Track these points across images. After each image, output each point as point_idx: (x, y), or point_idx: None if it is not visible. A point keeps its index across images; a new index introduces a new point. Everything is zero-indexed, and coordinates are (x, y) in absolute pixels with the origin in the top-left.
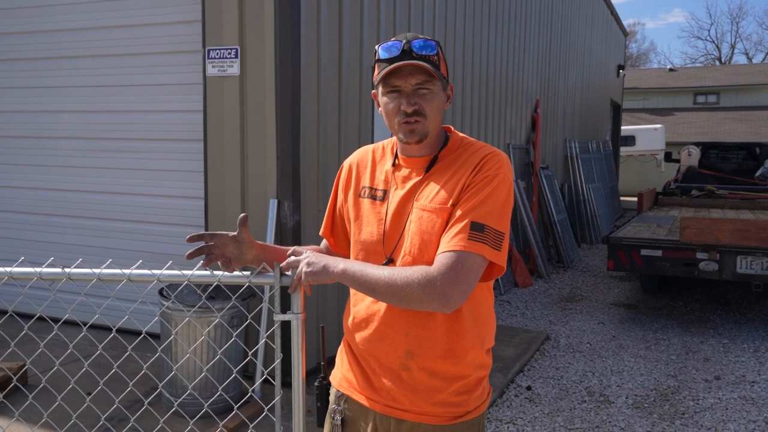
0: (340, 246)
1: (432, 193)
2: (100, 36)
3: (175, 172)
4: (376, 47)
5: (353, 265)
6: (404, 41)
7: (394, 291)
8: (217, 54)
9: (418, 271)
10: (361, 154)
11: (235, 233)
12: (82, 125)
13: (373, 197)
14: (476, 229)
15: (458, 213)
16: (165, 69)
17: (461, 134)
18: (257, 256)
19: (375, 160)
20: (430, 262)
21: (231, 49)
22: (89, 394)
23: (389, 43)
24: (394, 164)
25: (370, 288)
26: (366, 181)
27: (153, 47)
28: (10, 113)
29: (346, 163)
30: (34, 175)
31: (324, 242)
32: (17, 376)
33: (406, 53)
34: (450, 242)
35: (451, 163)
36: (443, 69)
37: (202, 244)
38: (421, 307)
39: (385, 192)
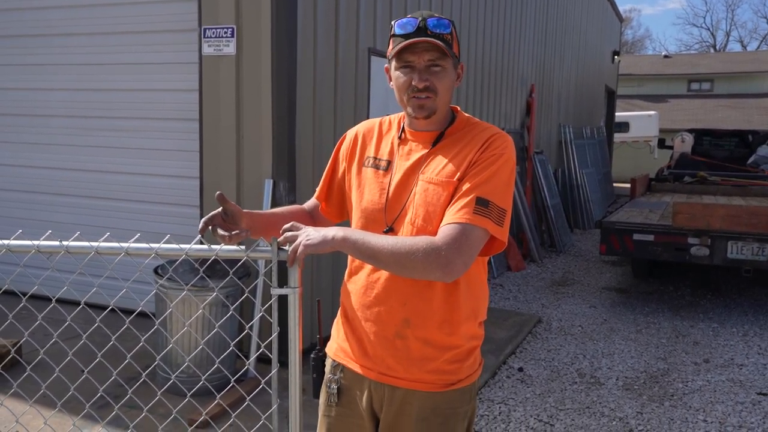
0: (331, 211)
1: (439, 166)
2: (94, 13)
3: (171, 151)
4: (392, 23)
5: (354, 233)
6: (420, 18)
7: (397, 258)
8: (214, 33)
9: (422, 241)
10: (368, 125)
11: (220, 211)
12: (75, 103)
13: (377, 167)
14: (481, 204)
15: (464, 187)
16: (160, 48)
17: (467, 114)
18: (249, 225)
19: (381, 131)
20: (433, 233)
21: (227, 28)
22: (83, 371)
23: (405, 19)
24: (400, 137)
25: (372, 255)
26: (371, 152)
27: (148, 25)
28: (1, 90)
29: (351, 132)
30: (25, 153)
31: (310, 203)
32: (14, 349)
33: (421, 30)
34: (455, 215)
35: (458, 140)
36: (455, 48)
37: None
38: (423, 275)
39: (389, 162)
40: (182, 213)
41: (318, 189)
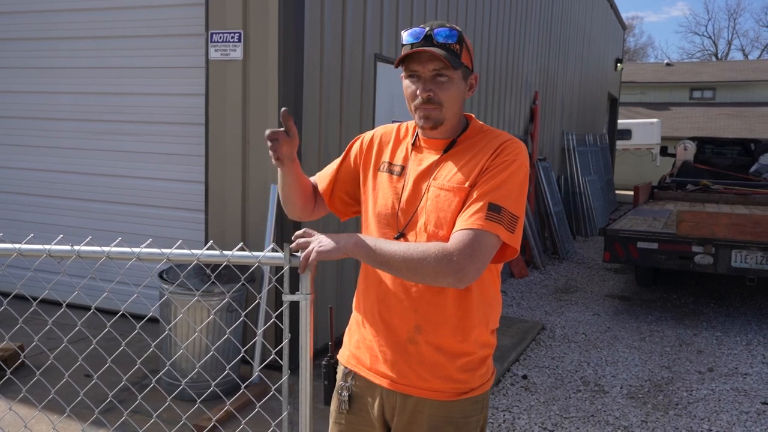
0: (335, 207)
1: (450, 173)
2: (102, 17)
3: (176, 155)
4: (402, 32)
5: (366, 239)
6: (428, 28)
7: (409, 264)
8: (220, 38)
9: (434, 247)
10: (386, 129)
11: (283, 129)
12: (82, 107)
13: (391, 172)
14: (493, 210)
15: (476, 194)
16: (167, 52)
17: (481, 122)
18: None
19: (399, 137)
20: (445, 239)
21: (234, 33)
22: (87, 376)
23: (415, 29)
24: (414, 144)
25: (384, 261)
26: (387, 157)
27: (155, 29)
28: (9, 93)
29: (368, 134)
30: (32, 156)
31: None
32: (24, 353)
33: (428, 40)
34: (467, 221)
35: (470, 147)
36: (465, 58)
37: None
38: (435, 281)
39: (403, 168)
40: (187, 217)
41: (324, 185)
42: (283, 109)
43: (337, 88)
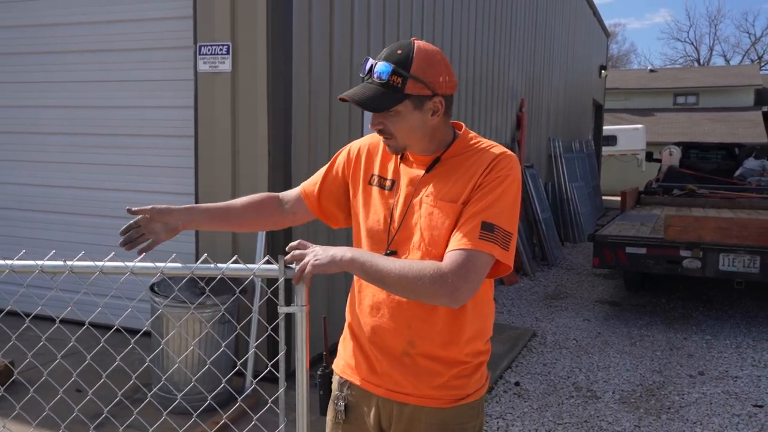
0: (323, 213)
1: (443, 189)
2: (89, 31)
3: (165, 168)
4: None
5: (362, 255)
6: (375, 61)
7: (404, 284)
8: (209, 50)
9: (429, 267)
10: (373, 140)
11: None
12: (70, 121)
13: (382, 186)
14: (487, 229)
15: (470, 212)
16: (155, 65)
17: (472, 134)
18: (184, 220)
19: (386, 149)
20: (439, 257)
21: (223, 45)
22: (77, 391)
23: (366, 60)
24: (402, 157)
25: (379, 279)
26: (376, 169)
27: (143, 43)
28: None
29: (354, 145)
30: (20, 171)
31: (291, 195)
32: (18, 370)
33: (370, 73)
34: (461, 240)
35: (461, 162)
36: (412, 87)
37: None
38: (430, 301)
39: (394, 182)
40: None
41: (310, 193)
42: (126, 207)
43: (326, 98)
